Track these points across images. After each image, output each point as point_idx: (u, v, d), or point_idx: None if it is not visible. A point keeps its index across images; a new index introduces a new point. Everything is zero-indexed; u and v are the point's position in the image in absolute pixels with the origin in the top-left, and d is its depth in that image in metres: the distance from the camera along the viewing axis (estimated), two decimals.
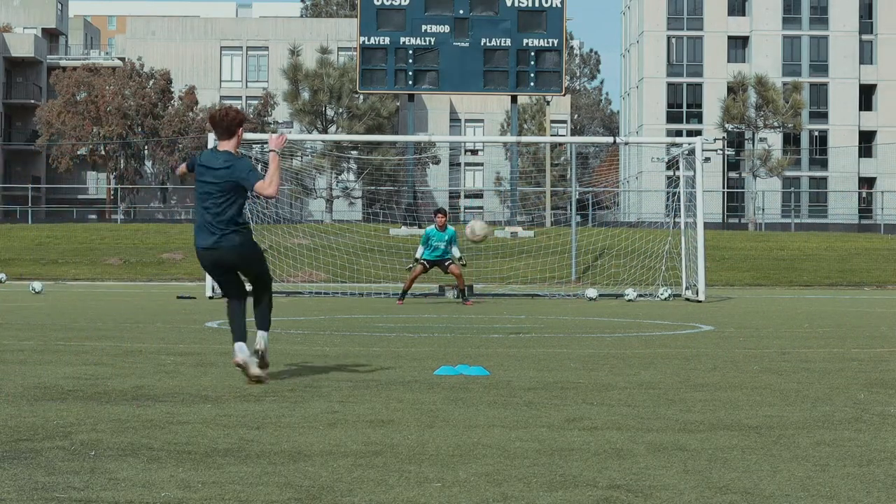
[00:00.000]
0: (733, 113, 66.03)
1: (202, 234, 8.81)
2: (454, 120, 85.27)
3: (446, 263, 23.51)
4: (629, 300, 26.29)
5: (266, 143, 12.82)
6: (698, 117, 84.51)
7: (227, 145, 8.87)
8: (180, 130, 71.69)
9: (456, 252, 23.53)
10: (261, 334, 8.95)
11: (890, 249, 44.95)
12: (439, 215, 23.66)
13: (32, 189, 73.70)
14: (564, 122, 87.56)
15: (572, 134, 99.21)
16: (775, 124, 65.99)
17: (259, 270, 9.05)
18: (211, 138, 27.62)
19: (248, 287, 9.15)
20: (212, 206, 8.77)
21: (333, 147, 52.79)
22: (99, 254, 43.11)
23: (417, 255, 23.73)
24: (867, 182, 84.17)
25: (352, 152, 60.43)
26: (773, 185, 74.98)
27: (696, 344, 13.02)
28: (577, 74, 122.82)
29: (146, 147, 72.47)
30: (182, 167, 9.42)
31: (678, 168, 28.90)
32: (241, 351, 8.63)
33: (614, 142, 29.81)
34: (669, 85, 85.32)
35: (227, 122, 8.83)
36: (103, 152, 72.55)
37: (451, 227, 23.82)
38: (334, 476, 5.13)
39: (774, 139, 75.64)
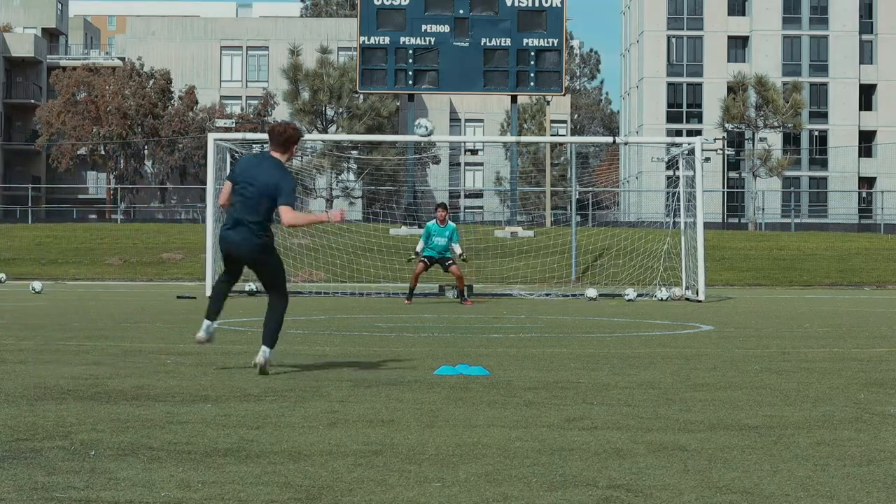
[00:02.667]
0: (733, 113, 65.99)
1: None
2: (454, 120, 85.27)
3: (447, 263, 23.46)
4: (629, 300, 26.28)
5: (264, 143, 13.05)
6: (698, 117, 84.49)
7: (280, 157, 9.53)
8: (180, 130, 71.68)
9: (457, 248, 23.47)
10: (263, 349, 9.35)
11: (890, 249, 44.93)
12: (440, 210, 23.60)
13: (32, 189, 73.65)
14: (564, 122, 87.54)
15: (572, 134, 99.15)
16: (775, 124, 65.95)
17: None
18: (211, 137, 27.66)
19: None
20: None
21: (333, 147, 52.76)
22: (99, 254, 43.09)
23: (418, 249, 23.67)
24: (867, 182, 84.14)
25: (352, 152, 60.39)
26: (773, 185, 74.94)
27: (696, 344, 13.02)
28: (577, 74, 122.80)
29: (146, 147, 72.46)
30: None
31: (678, 168, 28.88)
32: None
33: (614, 142, 29.80)
34: (669, 85, 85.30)
35: (285, 137, 9.45)
36: (103, 152, 72.55)
37: (451, 223, 23.75)
38: (334, 476, 5.13)
39: (774, 139, 75.59)
